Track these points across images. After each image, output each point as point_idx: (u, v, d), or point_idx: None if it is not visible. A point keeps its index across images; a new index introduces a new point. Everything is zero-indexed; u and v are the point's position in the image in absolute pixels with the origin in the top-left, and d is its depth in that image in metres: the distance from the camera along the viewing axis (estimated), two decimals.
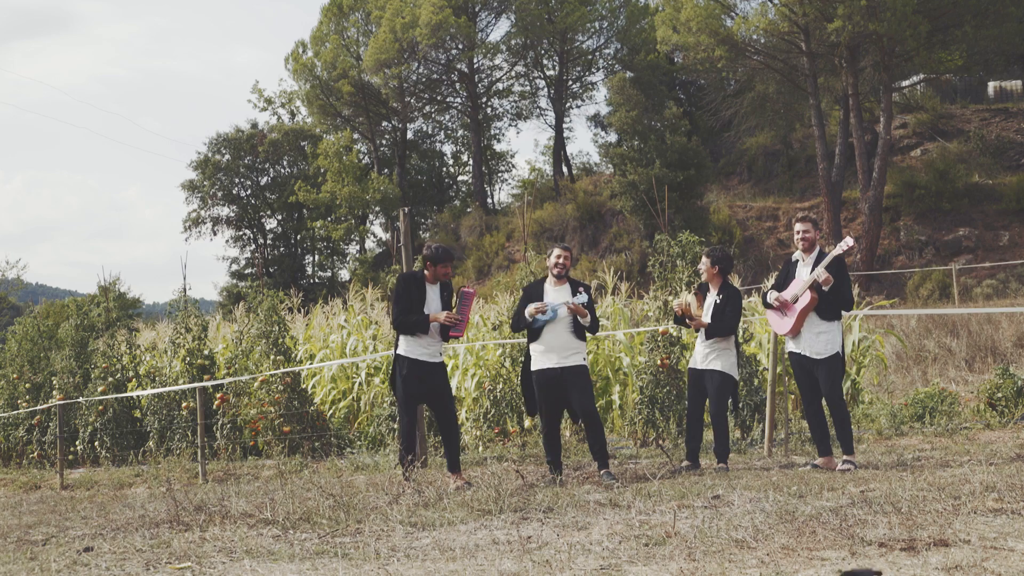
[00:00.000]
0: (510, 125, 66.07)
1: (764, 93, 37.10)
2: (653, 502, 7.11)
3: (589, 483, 8.17)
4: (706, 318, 8.61)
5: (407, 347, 8.38)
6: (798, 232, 8.37)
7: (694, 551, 5.19)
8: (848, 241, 8.13)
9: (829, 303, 8.08)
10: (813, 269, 8.12)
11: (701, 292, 8.84)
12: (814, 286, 8.05)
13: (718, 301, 8.60)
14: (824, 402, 8.33)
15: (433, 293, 8.44)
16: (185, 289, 14.76)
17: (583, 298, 8.27)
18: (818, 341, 8.12)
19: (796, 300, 8.15)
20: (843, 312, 8.25)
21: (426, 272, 8.48)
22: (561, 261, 8.36)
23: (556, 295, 8.32)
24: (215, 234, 50.65)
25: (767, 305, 8.45)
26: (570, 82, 46.71)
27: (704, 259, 8.82)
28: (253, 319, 13.63)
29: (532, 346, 8.38)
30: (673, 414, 10.36)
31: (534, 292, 8.44)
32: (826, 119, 34.95)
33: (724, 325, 8.51)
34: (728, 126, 40.83)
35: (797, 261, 8.36)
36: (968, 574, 4.51)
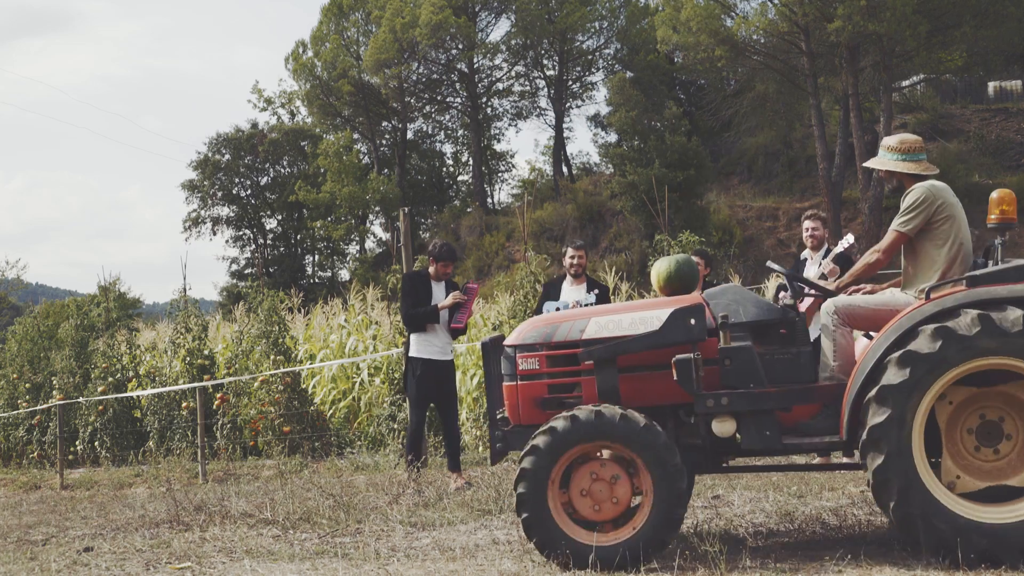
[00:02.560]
0: (510, 125, 66.06)
1: (764, 93, 37.08)
2: None
3: None
4: None
5: (418, 348, 8.46)
6: (807, 230, 8.29)
7: (694, 551, 5.19)
8: (849, 238, 8.08)
9: None
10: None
11: None
12: (821, 279, 7.98)
13: None
14: None
15: (439, 289, 8.54)
16: (185, 289, 14.77)
17: (590, 298, 8.29)
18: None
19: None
20: None
21: (430, 269, 8.59)
22: (576, 261, 8.42)
23: (572, 294, 8.37)
24: (215, 234, 50.69)
25: (777, 301, 8.44)
26: (570, 82, 46.69)
27: (696, 259, 8.87)
28: (253, 319, 13.63)
29: None
30: None
31: (551, 290, 8.51)
32: (826, 119, 34.94)
33: None
34: (728, 126, 40.80)
35: (806, 260, 8.31)
36: (968, 574, 4.51)
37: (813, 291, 5.63)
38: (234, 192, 50.28)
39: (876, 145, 33.22)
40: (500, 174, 51.88)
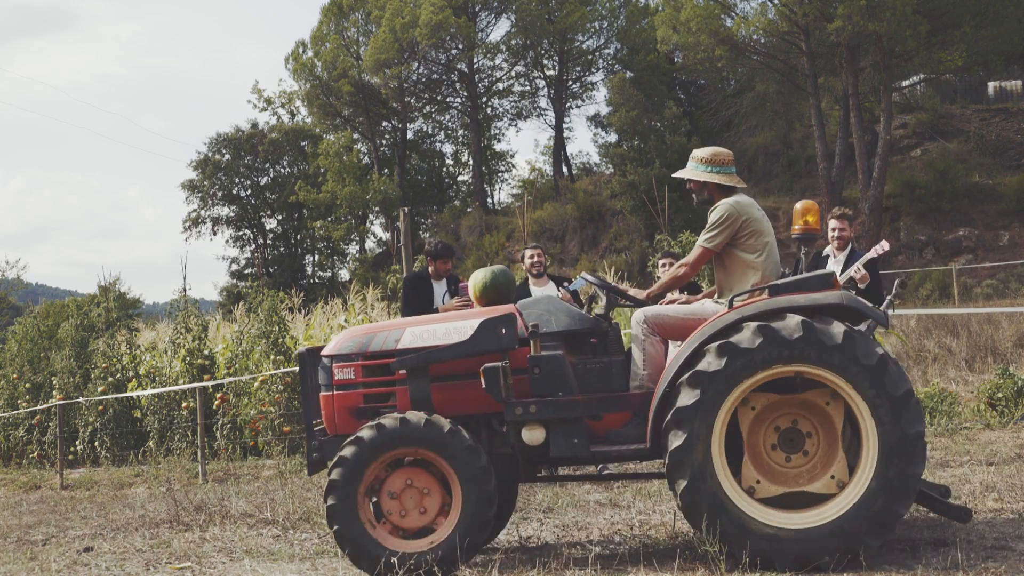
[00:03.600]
0: (510, 125, 66.04)
1: (764, 93, 37.05)
2: (653, 502, 7.12)
3: (589, 483, 8.17)
4: None
5: None
6: (833, 230, 8.23)
7: (694, 551, 5.19)
8: (884, 245, 8.06)
9: None
10: (844, 268, 8.04)
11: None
12: (848, 284, 7.95)
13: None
14: None
15: (440, 288, 8.53)
16: (185, 289, 14.80)
17: (579, 283, 8.29)
18: None
19: None
20: None
21: (429, 269, 8.60)
22: (536, 259, 8.53)
23: (544, 292, 8.38)
24: (215, 234, 50.64)
25: None
26: (570, 82, 46.66)
27: (665, 260, 8.93)
28: (253, 319, 13.63)
29: None
30: None
31: (522, 292, 8.50)
32: (826, 119, 34.92)
33: None
34: (728, 126, 40.78)
35: (828, 257, 8.26)
36: (968, 574, 4.51)
37: (626, 301, 5.67)
38: (234, 192, 50.24)
39: (876, 145, 32.94)
40: (500, 174, 51.89)
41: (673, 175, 5.95)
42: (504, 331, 5.12)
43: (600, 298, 5.56)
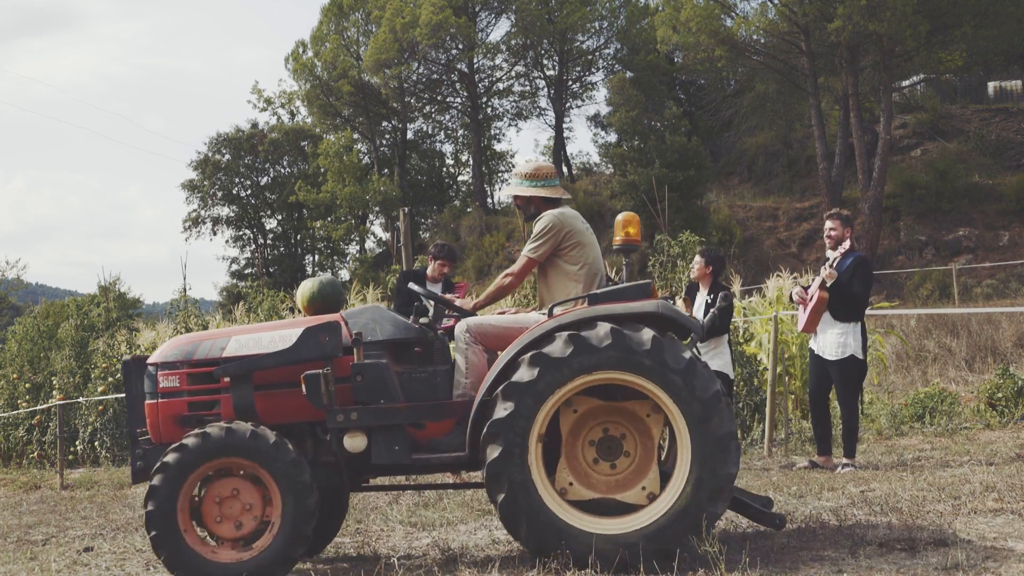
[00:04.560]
0: (510, 125, 66.03)
1: (764, 93, 37.06)
2: None
3: None
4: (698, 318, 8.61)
5: None
6: (825, 229, 8.35)
7: (694, 551, 5.19)
8: (845, 244, 8.14)
9: (842, 303, 8.04)
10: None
11: (689, 294, 8.89)
12: (823, 284, 8.02)
13: (709, 301, 8.61)
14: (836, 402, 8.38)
15: (433, 289, 8.53)
16: (185, 289, 14.77)
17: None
18: (833, 343, 8.09)
19: (813, 297, 8.14)
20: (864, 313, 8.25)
21: (428, 269, 8.65)
22: None
23: None
24: (215, 234, 50.65)
25: (791, 300, 8.54)
26: (570, 82, 46.66)
27: (698, 258, 8.88)
28: (253, 319, 13.63)
29: None
30: None
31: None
32: (826, 119, 34.92)
33: (719, 325, 8.50)
34: (728, 126, 40.78)
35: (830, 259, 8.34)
36: (968, 574, 4.51)
37: (452, 312, 5.70)
38: (234, 192, 50.25)
39: (876, 145, 33.04)
40: (500, 174, 51.88)
41: (498, 192, 6.12)
42: (327, 339, 5.15)
43: (427, 308, 5.61)
